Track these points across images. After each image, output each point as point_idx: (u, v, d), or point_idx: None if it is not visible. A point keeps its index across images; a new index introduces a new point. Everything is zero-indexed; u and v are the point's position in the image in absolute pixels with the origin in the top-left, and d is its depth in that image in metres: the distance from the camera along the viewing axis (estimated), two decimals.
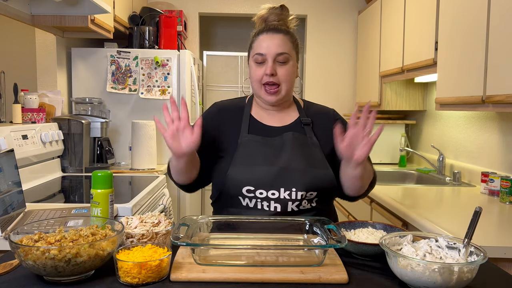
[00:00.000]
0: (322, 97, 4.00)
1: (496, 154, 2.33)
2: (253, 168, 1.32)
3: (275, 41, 1.35)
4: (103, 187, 1.17)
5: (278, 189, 1.31)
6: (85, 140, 2.61)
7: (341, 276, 0.94)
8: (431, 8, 2.38)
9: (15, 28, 3.16)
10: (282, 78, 1.36)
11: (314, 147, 1.39)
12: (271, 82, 1.35)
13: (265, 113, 1.46)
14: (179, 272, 0.94)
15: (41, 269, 0.89)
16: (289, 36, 1.39)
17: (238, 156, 1.35)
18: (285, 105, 1.46)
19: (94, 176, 1.18)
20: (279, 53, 1.35)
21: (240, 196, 1.33)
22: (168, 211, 2.39)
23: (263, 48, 1.36)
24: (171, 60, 2.97)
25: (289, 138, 1.37)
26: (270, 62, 1.35)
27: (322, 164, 1.36)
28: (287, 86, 1.38)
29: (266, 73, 1.35)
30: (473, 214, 0.97)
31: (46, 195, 2.02)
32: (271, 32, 1.37)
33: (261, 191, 1.31)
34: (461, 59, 2.03)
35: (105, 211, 1.17)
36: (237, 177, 1.32)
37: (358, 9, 3.95)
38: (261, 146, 1.37)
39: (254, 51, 1.39)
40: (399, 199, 2.09)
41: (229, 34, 4.78)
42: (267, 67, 1.35)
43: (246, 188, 1.31)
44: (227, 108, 1.48)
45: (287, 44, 1.37)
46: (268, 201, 1.32)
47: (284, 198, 1.31)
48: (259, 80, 1.37)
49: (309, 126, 1.42)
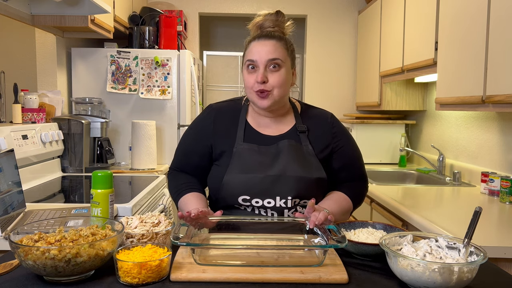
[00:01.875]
0: (322, 97, 4.00)
1: (496, 154, 2.33)
2: (248, 177, 1.31)
3: (267, 47, 1.31)
4: (103, 187, 1.17)
5: (274, 197, 1.31)
6: (85, 140, 2.61)
7: (341, 276, 0.94)
8: (431, 8, 2.38)
9: (15, 28, 3.16)
10: (274, 84, 1.31)
11: (309, 155, 1.37)
12: (261, 89, 1.31)
13: (261, 120, 1.42)
14: (179, 272, 0.94)
15: (41, 269, 0.89)
16: (283, 42, 1.34)
17: (233, 164, 1.34)
18: (281, 112, 1.42)
19: (94, 176, 1.18)
20: (270, 59, 1.30)
21: (236, 205, 1.34)
22: (168, 211, 2.39)
23: (254, 55, 1.31)
24: (171, 60, 2.97)
25: (285, 146, 1.36)
26: (261, 69, 1.30)
27: (317, 171, 1.35)
28: (279, 92, 1.32)
29: (257, 80, 1.30)
30: (473, 214, 0.97)
31: (46, 195, 2.02)
32: (263, 39, 1.33)
33: (257, 200, 1.31)
34: (461, 59, 2.03)
35: (105, 211, 1.17)
36: (233, 186, 1.32)
37: (358, 9, 3.95)
38: (256, 155, 1.35)
39: (246, 56, 1.35)
40: (399, 199, 2.09)
41: (229, 34, 4.78)
42: (258, 74, 1.30)
43: (242, 197, 1.32)
44: (222, 113, 1.44)
45: (279, 50, 1.32)
46: (265, 209, 1.32)
47: (280, 206, 1.31)
48: (251, 87, 1.33)
49: (304, 133, 1.40)
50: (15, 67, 3.07)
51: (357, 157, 1.48)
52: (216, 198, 1.38)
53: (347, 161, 1.44)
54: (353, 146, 1.47)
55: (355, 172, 1.47)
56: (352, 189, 1.43)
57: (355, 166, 1.46)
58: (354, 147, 1.47)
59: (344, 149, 1.43)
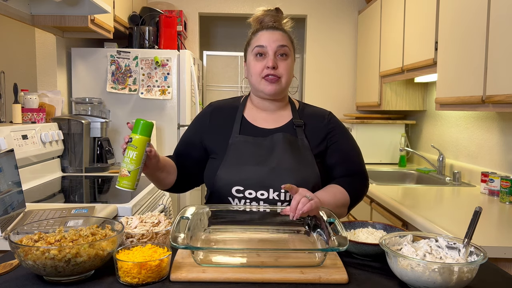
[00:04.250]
0: (322, 97, 4.00)
1: (496, 154, 2.33)
2: (242, 168, 1.32)
3: (275, 36, 1.36)
4: (144, 133, 1.16)
5: (267, 189, 1.31)
6: (85, 140, 2.61)
7: (341, 276, 0.94)
8: (431, 8, 2.38)
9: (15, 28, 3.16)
10: (283, 71, 1.36)
11: (304, 148, 1.37)
12: (272, 74, 1.35)
13: (258, 114, 1.44)
14: (179, 272, 0.94)
15: (41, 269, 0.89)
16: (287, 35, 1.40)
17: (228, 156, 1.35)
18: (280, 105, 1.45)
19: (137, 122, 1.17)
20: (280, 45, 1.35)
21: (229, 197, 1.34)
22: (168, 211, 2.39)
23: (264, 41, 1.35)
24: (171, 60, 2.97)
25: (280, 139, 1.37)
26: (271, 54, 1.34)
27: (311, 165, 1.35)
28: (286, 79, 1.37)
29: (268, 65, 1.34)
30: (473, 214, 0.97)
31: (46, 195, 2.02)
32: (270, 29, 1.38)
33: (250, 192, 1.31)
34: (461, 59, 2.03)
35: (140, 157, 1.15)
36: (227, 177, 1.32)
37: (358, 9, 3.95)
38: (251, 147, 1.36)
39: (253, 44, 1.38)
40: (399, 199, 2.09)
41: (229, 34, 4.78)
42: (268, 59, 1.34)
43: (236, 188, 1.32)
44: (221, 109, 1.48)
45: (286, 40, 1.38)
46: (258, 202, 1.32)
47: (273, 199, 1.31)
48: (259, 73, 1.36)
49: (301, 128, 1.41)
50: (15, 67, 3.07)
51: (354, 153, 1.46)
52: (211, 191, 1.39)
53: (342, 156, 1.43)
54: (350, 142, 1.47)
55: (352, 168, 1.45)
56: (350, 184, 1.41)
57: (351, 161, 1.45)
58: (351, 143, 1.47)
59: (340, 144, 1.42)
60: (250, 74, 1.40)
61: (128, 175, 1.13)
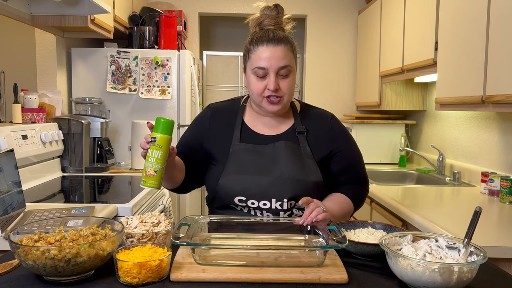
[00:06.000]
0: (322, 97, 4.00)
1: (496, 154, 2.33)
2: (244, 178, 1.31)
3: (277, 53, 1.29)
4: (167, 132, 1.15)
5: (270, 199, 1.30)
6: (85, 140, 2.61)
7: (341, 276, 0.94)
8: (431, 8, 2.38)
9: (15, 28, 3.16)
10: (285, 91, 1.31)
11: (307, 157, 1.36)
12: (274, 96, 1.31)
13: (259, 120, 1.42)
14: (179, 272, 0.94)
15: (41, 269, 0.89)
16: (289, 45, 1.32)
17: (229, 165, 1.34)
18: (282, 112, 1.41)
19: (157, 121, 1.16)
20: (281, 67, 1.29)
21: (232, 205, 1.34)
22: (168, 211, 2.39)
23: (264, 61, 1.29)
24: (171, 60, 2.97)
25: (281, 148, 1.35)
26: (272, 77, 1.29)
27: (314, 174, 1.34)
28: (288, 97, 1.34)
29: (269, 88, 1.29)
30: (473, 214, 0.97)
31: (46, 195, 2.02)
32: (271, 44, 1.29)
33: (253, 201, 1.31)
34: (461, 59, 2.03)
35: (164, 156, 1.14)
36: (229, 186, 1.32)
37: (358, 9, 3.95)
38: (253, 155, 1.35)
39: (253, 63, 1.31)
40: (399, 199, 2.09)
41: (229, 34, 4.78)
42: (269, 82, 1.29)
43: (238, 198, 1.31)
44: (221, 113, 1.44)
45: (288, 55, 1.31)
46: (261, 210, 1.32)
47: (275, 208, 1.31)
48: (260, 93, 1.32)
49: (303, 135, 1.39)
50: (15, 67, 3.07)
51: (357, 160, 1.47)
52: (213, 197, 1.38)
53: (347, 164, 1.43)
54: (354, 149, 1.46)
55: (356, 175, 1.46)
56: (353, 191, 1.43)
57: (355, 169, 1.46)
58: (354, 150, 1.47)
59: (344, 152, 1.42)
60: (250, 91, 1.35)
61: (154, 175, 1.13)
